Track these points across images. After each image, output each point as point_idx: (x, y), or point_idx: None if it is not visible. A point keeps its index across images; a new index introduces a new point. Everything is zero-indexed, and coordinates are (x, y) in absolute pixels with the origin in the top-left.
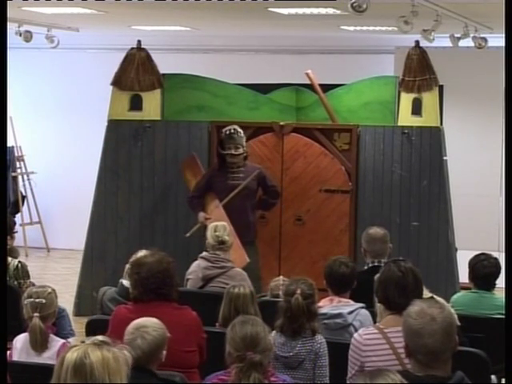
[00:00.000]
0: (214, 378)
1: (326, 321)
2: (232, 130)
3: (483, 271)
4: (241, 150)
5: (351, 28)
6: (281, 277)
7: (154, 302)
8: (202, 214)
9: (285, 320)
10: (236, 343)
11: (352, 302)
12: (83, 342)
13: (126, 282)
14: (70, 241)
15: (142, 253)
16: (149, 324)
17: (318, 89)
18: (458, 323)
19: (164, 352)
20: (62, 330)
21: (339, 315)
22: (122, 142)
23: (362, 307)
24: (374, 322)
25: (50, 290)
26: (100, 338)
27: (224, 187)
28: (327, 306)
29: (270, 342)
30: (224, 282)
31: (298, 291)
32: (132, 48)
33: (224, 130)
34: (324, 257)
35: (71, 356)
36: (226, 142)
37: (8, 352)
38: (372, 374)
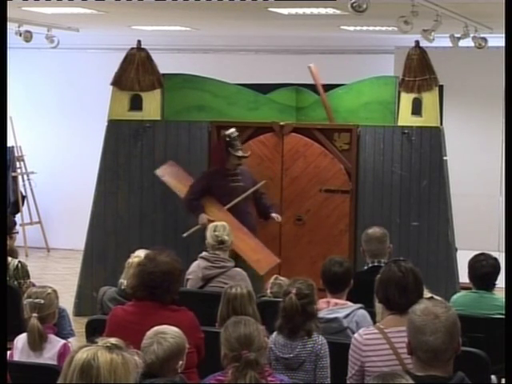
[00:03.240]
0: (212, 379)
1: (322, 325)
2: (237, 133)
3: (482, 271)
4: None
5: (351, 28)
6: (275, 275)
7: (149, 303)
8: (204, 216)
9: (281, 320)
10: (230, 344)
11: (349, 304)
12: (96, 342)
13: (125, 282)
14: (69, 241)
15: (140, 252)
16: (168, 331)
17: (319, 84)
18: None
19: (181, 363)
20: (62, 330)
21: (335, 320)
22: (122, 142)
23: (360, 307)
24: (374, 323)
25: (50, 290)
26: (113, 340)
27: (226, 190)
28: (323, 309)
29: (264, 341)
30: (224, 281)
31: (293, 291)
32: (132, 48)
33: (229, 133)
34: (324, 257)
35: (80, 356)
36: (234, 144)
37: (9, 352)
38: (385, 376)
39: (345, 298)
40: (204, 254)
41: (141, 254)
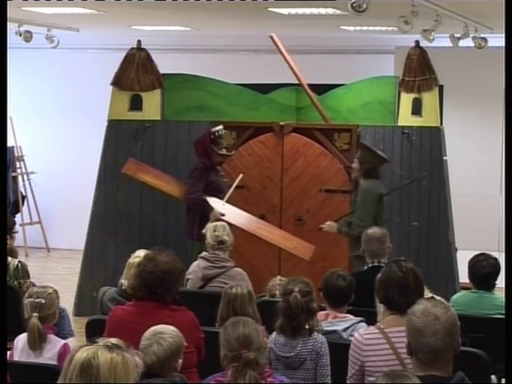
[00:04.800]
0: (212, 379)
1: None
2: (224, 131)
3: (482, 271)
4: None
5: (351, 28)
6: (278, 276)
7: (150, 302)
8: (216, 212)
9: (284, 319)
10: (230, 344)
11: (349, 317)
12: (97, 342)
13: (125, 282)
14: (70, 241)
15: (140, 252)
16: (166, 331)
17: (287, 56)
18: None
19: (180, 361)
20: (62, 330)
21: (333, 332)
22: (122, 142)
23: (361, 321)
24: (375, 324)
25: (50, 290)
26: (113, 340)
27: (221, 186)
28: (322, 321)
29: (263, 341)
30: (224, 281)
31: (296, 289)
32: (132, 48)
33: (216, 130)
34: (324, 257)
35: (80, 355)
36: (219, 142)
37: (9, 352)
38: (393, 376)
39: (345, 311)
40: (204, 253)
41: (141, 254)
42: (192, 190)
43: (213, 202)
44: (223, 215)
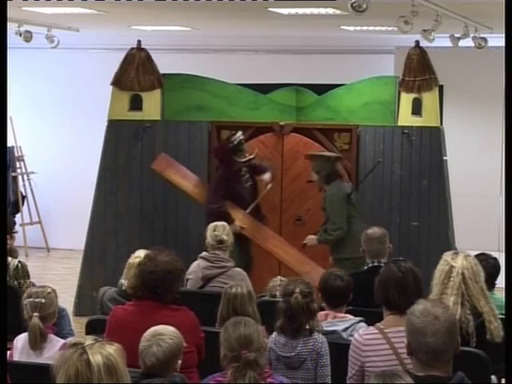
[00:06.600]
0: (211, 379)
1: None
2: (242, 137)
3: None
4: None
5: (351, 28)
6: (278, 277)
7: (150, 302)
8: (236, 224)
9: (285, 320)
10: (230, 344)
11: (349, 317)
12: (81, 344)
13: (125, 282)
14: (70, 241)
15: (140, 252)
16: (165, 332)
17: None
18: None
19: (179, 362)
20: (62, 330)
21: (333, 332)
22: (122, 142)
23: (361, 321)
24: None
25: (49, 289)
26: (93, 337)
27: (241, 193)
28: (322, 321)
29: (264, 341)
30: (224, 281)
31: (297, 290)
32: (132, 48)
33: (234, 139)
34: (324, 257)
35: (97, 358)
36: (239, 149)
37: (9, 352)
38: (384, 376)
39: (344, 311)
40: (204, 253)
41: (141, 254)
42: (213, 200)
43: (234, 211)
44: (243, 228)
